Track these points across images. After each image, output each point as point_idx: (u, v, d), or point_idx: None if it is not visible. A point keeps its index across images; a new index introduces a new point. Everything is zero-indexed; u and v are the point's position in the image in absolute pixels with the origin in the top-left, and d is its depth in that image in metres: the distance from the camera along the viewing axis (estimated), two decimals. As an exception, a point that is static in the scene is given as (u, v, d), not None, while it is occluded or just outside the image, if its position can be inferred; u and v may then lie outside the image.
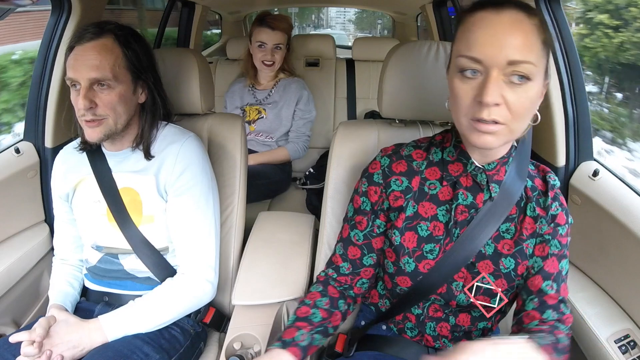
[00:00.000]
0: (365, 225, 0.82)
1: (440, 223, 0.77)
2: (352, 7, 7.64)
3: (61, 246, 1.06)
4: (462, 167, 0.76)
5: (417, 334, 0.84)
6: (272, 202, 1.76)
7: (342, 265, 0.84)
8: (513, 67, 0.62)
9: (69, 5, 1.18)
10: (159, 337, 0.94)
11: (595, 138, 1.12)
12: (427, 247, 0.76)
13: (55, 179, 1.02)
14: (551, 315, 0.75)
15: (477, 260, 0.76)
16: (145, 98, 0.95)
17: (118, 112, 0.88)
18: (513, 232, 0.76)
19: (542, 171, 0.79)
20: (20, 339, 0.83)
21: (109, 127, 0.89)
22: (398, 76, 0.96)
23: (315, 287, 0.84)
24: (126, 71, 0.89)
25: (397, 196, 0.78)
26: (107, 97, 0.87)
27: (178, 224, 0.97)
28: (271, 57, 1.79)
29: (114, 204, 0.95)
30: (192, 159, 0.96)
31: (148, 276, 0.99)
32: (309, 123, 1.86)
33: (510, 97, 0.63)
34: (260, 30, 1.78)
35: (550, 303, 0.75)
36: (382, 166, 0.80)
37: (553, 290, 0.75)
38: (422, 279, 0.77)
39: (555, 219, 0.77)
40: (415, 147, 0.81)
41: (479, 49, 0.63)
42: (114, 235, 0.97)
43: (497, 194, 0.74)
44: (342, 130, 1.04)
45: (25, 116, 1.25)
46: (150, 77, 0.95)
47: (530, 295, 0.77)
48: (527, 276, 0.77)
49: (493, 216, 0.74)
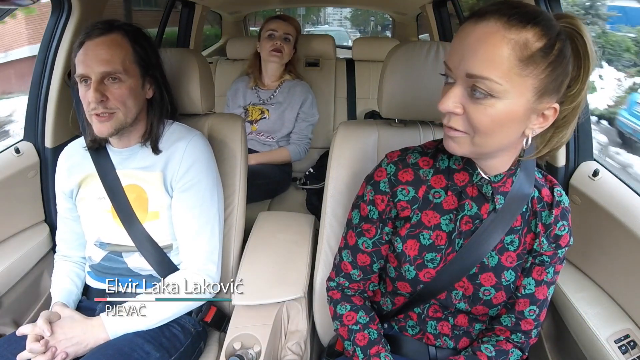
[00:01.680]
0: (374, 233, 0.80)
1: (443, 232, 0.76)
2: (352, 7, 7.66)
3: (63, 243, 1.07)
4: (468, 177, 0.74)
5: (418, 332, 0.84)
6: (272, 202, 1.76)
7: (353, 272, 0.83)
8: (472, 80, 0.60)
9: (69, 5, 1.18)
10: (160, 336, 0.94)
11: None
12: (429, 256, 0.76)
13: (59, 175, 1.03)
14: (518, 338, 0.80)
15: (479, 271, 0.75)
16: (153, 93, 0.97)
17: (128, 106, 0.90)
18: (517, 245, 0.75)
19: (550, 182, 0.78)
20: (25, 332, 0.84)
21: (119, 121, 0.90)
22: (398, 76, 0.96)
23: (340, 306, 0.83)
24: (135, 66, 0.91)
25: (404, 206, 0.77)
26: (118, 91, 0.88)
27: (182, 218, 0.97)
28: (280, 44, 1.81)
29: (118, 201, 0.96)
30: (198, 155, 0.98)
31: (151, 274, 0.99)
32: (312, 126, 1.87)
33: (470, 109, 0.62)
34: (272, 21, 1.84)
35: (524, 329, 0.79)
36: (389, 174, 0.77)
37: (533, 316, 0.79)
38: (422, 287, 0.77)
39: (559, 240, 0.76)
40: (421, 153, 0.78)
41: (448, 58, 0.64)
42: (118, 232, 0.97)
43: (501, 205, 0.73)
44: (342, 130, 1.04)
45: (25, 116, 1.25)
46: (158, 74, 0.97)
47: (510, 313, 0.80)
48: (516, 295, 0.79)
49: (497, 227, 0.73)
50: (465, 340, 0.83)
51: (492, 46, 0.59)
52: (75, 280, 1.03)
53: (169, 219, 0.98)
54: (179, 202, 0.97)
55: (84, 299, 1.04)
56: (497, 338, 0.81)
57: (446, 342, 0.82)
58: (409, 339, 0.85)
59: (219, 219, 1.01)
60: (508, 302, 0.79)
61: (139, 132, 0.97)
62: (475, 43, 0.60)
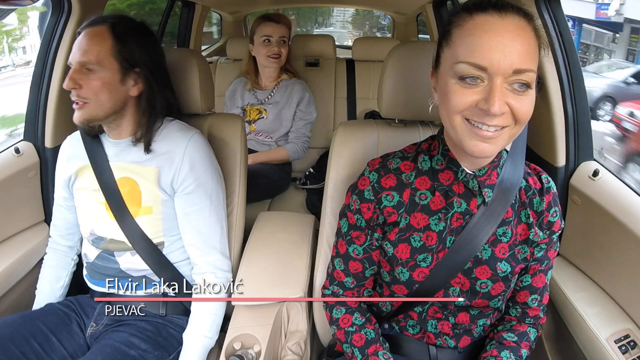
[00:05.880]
0: (364, 240, 0.80)
1: (433, 232, 0.76)
2: (352, 7, 7.67)
3: (54, 229, 1.10)
4: (452, 175, 0.74)
5: (419, 331, 0.84)
6: (272, 202, 1.76)
7: (346, 280, 0.84)
8: (517, 75, 0.60)
9: (69, 5, 1.18)
10: (156, 335, 0.95)
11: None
12: (420, 257, 0.76)
13: (60, 162, 1.05)
14: (530, 320, 0.83)
15: (474, 265, 0.76)
16: (139, 91, 0.95)
17: (100, 99, 0.90)
18: (509, 236, 0.76)
19: (535, 169, 0.79)
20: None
21: (89, 112, 0.90)
22: (398, 76, 0.96)
23: (336, 310, 0.84)
24: (114, 60, 0.90)
25: (390, 212, 0.77)
26: (91, 82, 0.89)
27: (193, 220, 0.98)
28: (278, 50, 1.79)
29: (110, 193, 0.97)
30: (200, 154, 0.98)
31: (144, 275, 0.99)
32: (309, 124, 1.86)
33: (514, 104, 0.62)
34: (265, 25, 1.79)
35: (531, 315, 0.82)
36: (372, 182, 0.78)
37: (536, 303, 0.82)
38: (418, 287, 0.77)
39: (552, 226, 0.77)
40: (402, 158, 0.79)
41: (483, 56, 0.60)
42: (111, 225, 0.98)
43: (490, 198, 0.73)
44: (342, 130, 1.04)
45: (25, 116, 1.25)
46: (147, 71, 0.94)
47: (515, 305, 0.83)
48: (515, 289, 0.81)
49: (488, 220, 0.73)
50: (466, 338, 0.83)
51: (527, 39, 0.61)
52: (60, 273, 1.08)
53: (162, 215, 0.98)
54: (186, 203, 0.97)
55: (86, 298, 1.05)
56: (510, 324, 0.83)
57: (447, 341, 0.82)
58: (409, 338, 0.84)
59: (225, 216, 1.03)
60: (510, 299, 0.81)
61: (128, 128, 0.97)
62: (515, 37, 0.60)
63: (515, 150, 0.75)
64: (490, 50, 0.60)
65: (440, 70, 0.68)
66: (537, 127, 1.09)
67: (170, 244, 1.00)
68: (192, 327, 0.95)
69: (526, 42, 0.61)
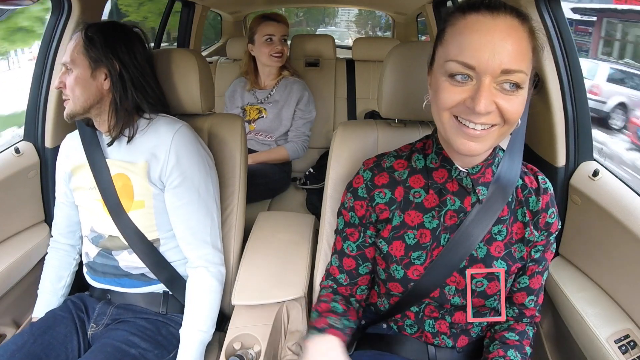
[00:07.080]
0: (357, 237, 0.82)
1: (427, 230, 0.76)
2: (352, 7, 7.67)
3: (55, 227, 1.11)
4: (446, 174, 0.75)
5: (416, 331, 0.84)
6: (272, 202, 1.76)
7: (340, 276, 0.85)
8: (506, 75, 0.60)
9: (68, 5, 1.18)
10: (156, 334, 0.96)
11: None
12: (415, 254, 0.77)
13: (60, 157, 1.07)
14: (526, 319, 0.84)
15: (469, 264, 0.76)
16: (109, 85, 0.96)
17: (76, 94, 0.94)
18: (505, 234, 0.76)
19: (532, 169, 0.79)
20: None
21: (70, 107, 0.95)
22: (398, 76, 0.96)
23: (322, 298, 0.84)
24: (83, 57, 0.94)
25: (382, 209, 0.78)
26: (69, 80, 0.94)
27: (181, 213, 0.98)
28: (280, 48, 1.80)
29: (105, 190, 0.98)
30: (186, 146, 0.98)
31: (142, 273, 1.00)
32: (309, 123, 1.86)
33: (503, 104, 0.62)
34: (266, 24, 1.79)
35: (528, 315, 0.83)
36: (365, 180, 0.79)
37: (533, 304, 0.82)
38: (413, 285, 0.77)
39: (550, 227, 0.77)
40: (396, 157, 0.80)
41: (472, 55, 0.61)
42: (108, 222, 0.99)
43: (485, 196, 0.73)
44: (342, 130, 1.04)
45: (25, 116, 1.25)
46: (115, 65, 0.95)
47: (512, 306, 0.83)
48: (512, 290, 0.82)
49: (483, 218, 0.74)
50: (463, 338, 0.83)
51: (519, 39, 0.61)
52: (62, 273, 1.09)
53: (154, 209, 0.98)
54: (174, 197, 0.98)
55: (87, 296, 1.05)
56: (508, 323, 0.83)
57: (444, 340, 0.82)
58: (408, 338, 0.85)
59: (216, 207, 1.03)
60: (506, 297, 0.81)
61: (106, 122, 0.98)
62: (506, 37, 0.60)
63: (512, 147, 0.75)
64: (480, 50, 0.60)
65: (434, 68, 0.69)
66: (537, 127, 1.09)
67: (165, 241, 1.01)
68: (187, 322, 0.96)
69: (517, 43, 0.60)
